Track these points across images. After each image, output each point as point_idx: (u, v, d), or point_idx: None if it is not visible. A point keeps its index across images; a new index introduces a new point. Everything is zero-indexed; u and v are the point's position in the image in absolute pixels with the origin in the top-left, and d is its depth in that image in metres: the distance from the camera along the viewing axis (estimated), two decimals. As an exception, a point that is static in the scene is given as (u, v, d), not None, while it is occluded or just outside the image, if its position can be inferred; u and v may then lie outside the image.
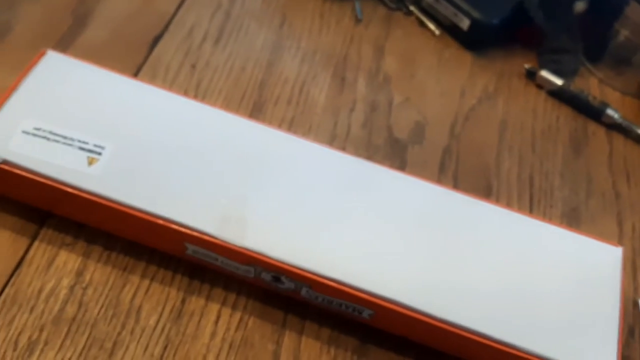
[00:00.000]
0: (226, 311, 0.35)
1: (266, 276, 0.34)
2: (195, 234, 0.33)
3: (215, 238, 0.33)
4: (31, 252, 0.35)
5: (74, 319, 0.33)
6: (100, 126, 0.35)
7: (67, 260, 0.35)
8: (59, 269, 0.35)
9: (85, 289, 0.34)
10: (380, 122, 0.45)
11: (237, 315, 0.35)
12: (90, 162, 0.34)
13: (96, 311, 0.34)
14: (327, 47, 0.49)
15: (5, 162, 0.33)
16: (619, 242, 0.43)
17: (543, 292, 0.34)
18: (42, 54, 0.38)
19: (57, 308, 0.34)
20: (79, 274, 0.35)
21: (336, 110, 0.46)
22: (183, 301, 0.35)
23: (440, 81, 0.49)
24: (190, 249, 0.34)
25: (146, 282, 0.35)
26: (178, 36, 0.47)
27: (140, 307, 0.34)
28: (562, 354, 0.32)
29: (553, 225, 0.37)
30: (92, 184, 0.33)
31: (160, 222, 0.33)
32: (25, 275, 0.34)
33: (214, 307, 0.35)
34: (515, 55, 0.52)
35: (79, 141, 0.34)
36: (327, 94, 0.46)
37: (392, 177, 0.37)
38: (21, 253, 0.35)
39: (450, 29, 0.52)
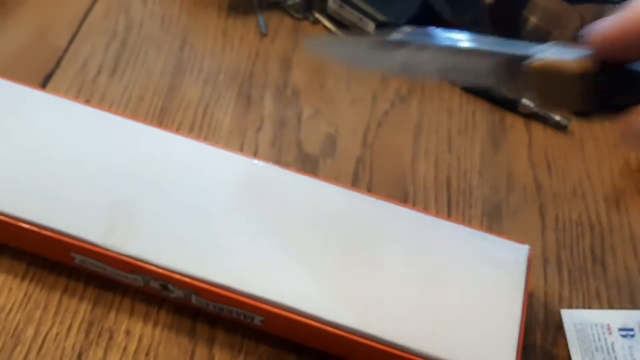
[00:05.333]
0: (127, 361, 0.33)
1: (154, 284, 0.33)
2: (78, 243, 0.32)
3: (99, 247, 0.32)
4: None
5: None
6: None
7: (-49, 327, 0.33)
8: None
9: (-29, 356, 0.32)
10: (289, 138, 0.44)
11: (139, 364, 0.33)
12: None
13: (-17, 379, 0.32)
14: (231, 65, 0.47)
15: None
16: (542, 235, 0.42)
17: (446, 293, 0.33)
18: None
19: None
20: (-36, 340, 0.33)
21: (242, 130, 0.44)
22: (79, 356, 0.33)
23: (351, 89, 0.48)
24: (78, 258, 0.33)
25: (39, 340, 0.33)
26: (71, 72, 0.45)
27: (31, 369, 0.32)
28: (458, 355, 0.31)
29: (463, 225, 0.36)
30: None
31: (43, 231, 0.32)
32: None
33: None
34: (427, 53, 0.51)
35: None
36: (232, 114, 0.45)
37: (294, 179, 0.36)
38: None
39: (357, 34, 0.50)
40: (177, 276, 0.32)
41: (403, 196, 0.42)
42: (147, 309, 0.35)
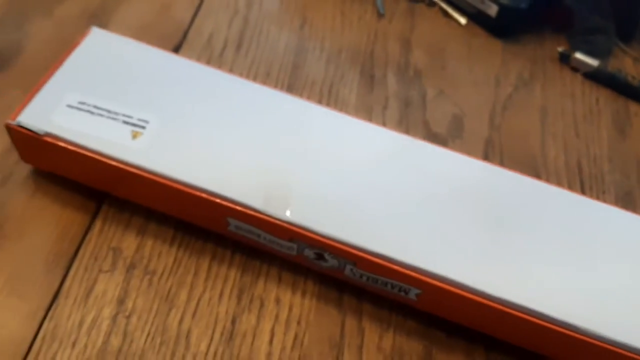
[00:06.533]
0: (280, 329, 0.33)
1: (309, 253, 0.32)
2: (238, 207, 0.32)
3: (259, 212, 0.31)
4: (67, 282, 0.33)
5: (119, 350, 0.31)
6: (145, 100, 0.35)
7: (107, 288, 0.33)
8: (99, 299, 0.33)
9: (128, 317, 0.32)
10: (416, 118, 0.43)
11: (292, 332, 0.33)
12: (134, 135, 0.33)
13: (142, 340, 0.32)
14: (351, 45, 0.47)
15: (47, 134, 0.33)
16: (680, 224, 0.40)
17: (606, 273, 0.32)
18: (88, 31, 0.38)
19: (100, 340, 0.31)
20: (121, 302, 0.33)
21: (369, 108, 0.44)
22: (233, 322, 0.33)
23: (473, 71, 0.47)
24: (233, 224, 0.33)
25: (192, 304, 0.33)
26: (198, 45, 0.45)
27: (189, 332, 0.32)
28: (627, 337, 0.30)
29: (610, 206, 0.35)
30: (135, 157, 0.32)
31: (203, 195, 0.32)
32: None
33: (266, 327, 0.33)
34: (546, 39, 0.50)
35: (124, 115, 0.34)
36: (357, 93, 0.44)
37: (438, 152, 0.36)
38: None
39: (476, 17, 0.50)
40: (338, 245, 0.31)
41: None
42: (294, 279, 0.35)
